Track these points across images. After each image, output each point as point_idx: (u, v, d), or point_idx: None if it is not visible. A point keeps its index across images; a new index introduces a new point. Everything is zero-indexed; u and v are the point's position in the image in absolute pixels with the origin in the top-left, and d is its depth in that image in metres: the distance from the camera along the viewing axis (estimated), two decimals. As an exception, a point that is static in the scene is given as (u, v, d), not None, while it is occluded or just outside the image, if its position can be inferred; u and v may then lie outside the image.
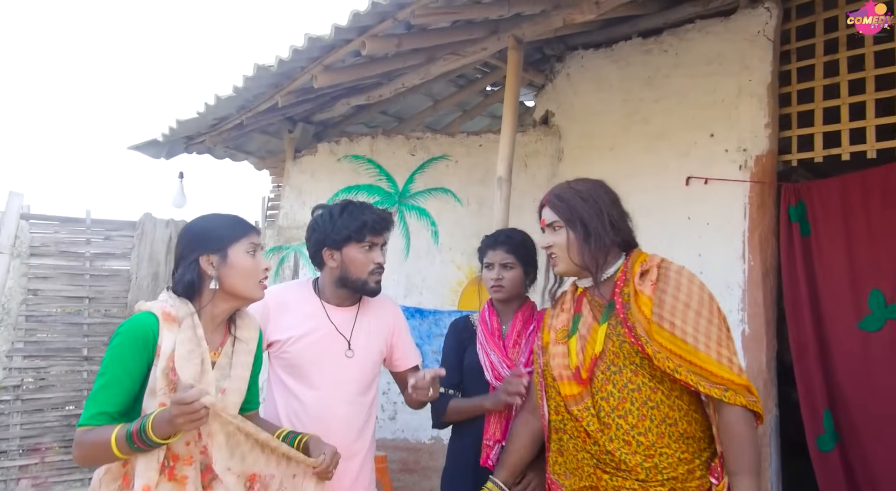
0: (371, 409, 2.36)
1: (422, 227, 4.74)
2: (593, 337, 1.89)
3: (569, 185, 2.00)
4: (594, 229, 1.89)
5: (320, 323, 2.28)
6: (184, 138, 4.87)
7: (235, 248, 1.83)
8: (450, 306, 4.64)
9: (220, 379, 1.83)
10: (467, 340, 2.49)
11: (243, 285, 1.84)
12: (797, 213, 3.50)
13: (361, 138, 4.90)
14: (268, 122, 4.82)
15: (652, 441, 1.78)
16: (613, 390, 1.83)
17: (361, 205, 2.30)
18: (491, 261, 2.48)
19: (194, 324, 1.80)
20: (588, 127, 4.52)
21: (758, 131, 3.71)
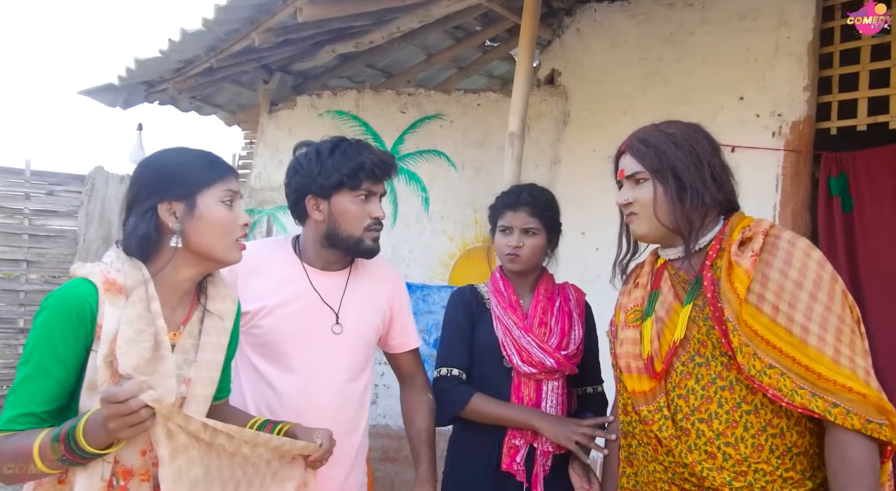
0: (363, 399, 1.94)
1: (411, 193, 4.33)
2: (673, 320, 1.52)
3: (657, 128, 1.59)
4: (691, 183, 1.50)
5: (301, 290, 1.84)
6: (144, 84, 4.33)
7: (207, 194, 1.41)
8: (440, 281, 4.23)
9: (184, 366, 1.42)
10: (478, 313, 2.08)
11: (216, 244, 1.42)
12: (839, 185, 3.16)
13: (346, 92, 4.44)
14: (241, 71, 4.32)
15: (744, 454, 1.40)
16: (696, 387, 1.46)
17: (357, 143, 1.84)
18: (509, 224, 2.06)
19: (148, 296, 1.37)
20: (599, 88, 4.14)
21: (795, 95, 3.35)
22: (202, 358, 1.44)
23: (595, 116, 4.14)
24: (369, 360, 1.94)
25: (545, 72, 4.36)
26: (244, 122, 5.14)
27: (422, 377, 2.06)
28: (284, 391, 1.78)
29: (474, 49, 4.90)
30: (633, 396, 1.54)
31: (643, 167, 1.53)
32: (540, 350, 1.94)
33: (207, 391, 1.43)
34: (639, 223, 1.57)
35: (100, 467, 1.26)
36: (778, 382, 1.34)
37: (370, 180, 1.80)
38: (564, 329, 2.02)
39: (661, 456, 1.49)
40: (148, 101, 4.59)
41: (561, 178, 4.25)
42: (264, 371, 1.82)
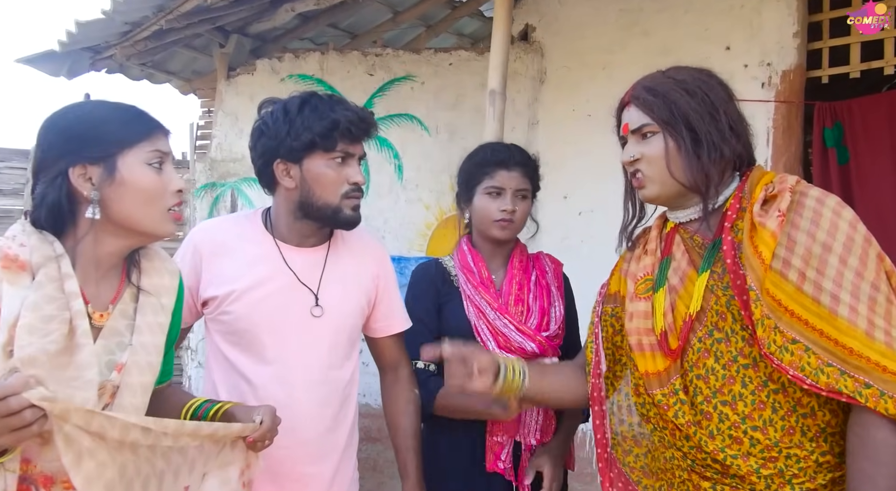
0: (350, 389, 1.74)
1: (383, 161, 4.10)
2: (688, 290, 1.35)
3: (664, 75, 1.42)
4: (706, 134, 1.34)
5: (273, 270, 1.64)
6: (89, 51, 4.00)
7: (130, 156, 1.21)
8: (417, 252, 4.04)
9: (116, 350, 1.23)
10: (445, 293, 1.88)
11: (143, 214, 1.23)
12: (833, 136, 3.02)
13: (309, 54, 4.17)
14: (194, 34, 4.01)
15: (775, 439, 1.25)
16: (716, 366, 1.30)
17: (330, 98, 1.62)
18: (501, 184, 1.85)
19: (61, 273, 1.16)
20: (576, 43, 3.94)
21: (784, 42, 3.19)
22: (138, 340, 1.26)
23: (573, 74, 3.95)
24: (355, 345, 1.75)
25: (518, 27, 4.14)
26: (200, 89, 4.83)
27: (407, 368, 1.85)
28: (260, 383, 1.59)
29: (442, 5, 4.64)
30: (645, 377, 1.38)
31: (651, 119, 1.37)
32: (519, 334, 1.76)
33: (146, 378, 1.25)
34: (649, 183, 1.40)
35: (1, 480, 1.06)
36: (801, 359, 1.19)
37: (346, 140, 1.58)
38: (544, 306, 1.84)
39: (679, 441, 1.33)
40: (95, 70, 4.25)
41: (539, 139, 4.06)
42: (237, 362, 1.63)
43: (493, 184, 1.86)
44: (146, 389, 1.25)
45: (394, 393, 1.83)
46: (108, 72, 4.35)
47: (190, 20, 3.66)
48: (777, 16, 3.20)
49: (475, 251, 1.90)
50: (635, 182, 1.43)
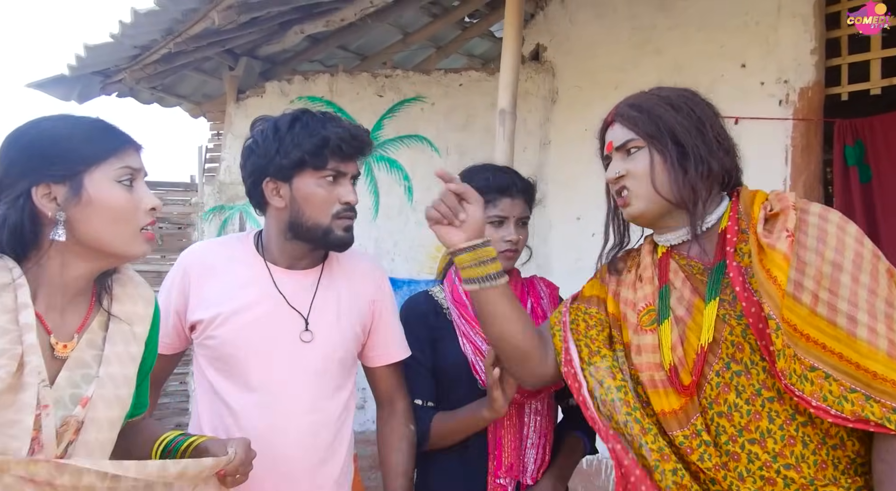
0: (343, 420, 1.61)
1: (393, 182, 4.05)
2: (696, 321, 1.26)
3: (648, 93, 1.37)
4: (693, 147, 1.28)
5: (262, 293, 1.55)
6: (99, 75, 4.01)
7: (98, 173, 1.13)
8: (427, 274, 3.97)
9: (81, 383, 1.13)
10: (438, 329, 1.75)
11: (112, 235, 1.14)
12: (855, 154, 2.94)
13: (319, 76, 4.15)
14: (203, 57, 4.01)
15: (809, 476, 1.15)
16: (738, 401, 1.20)
17: (323, 115, 1.55)
18: (505, 213, 1.74)
19: (17, 304, 1.07)
20: (588, 62, 3.90)
21: (802, 59, 3.12)
22: (105, 372, 1.16)
23: (584, 93, 3.90)
24: (350, 374, 1.64)
25: (529, 47, 4.11)
26: (210, 112, 4.82)
27: (403, 402, 1.71)
28: (242, 412, 1.50)
29: (453, 26, 4.62)
30: (662, 418, 1.26)
31: (636, 134, 1.31)
32: None
33: (113, 413, 1.15)
34: (634, 200, 1.32)
35: None
36: (822, 388, 1.10)
37: (337, 158, 1.51)
38: None
39: (706, 484, 1.23)
40: (105, 94, 4.26)
41: (551, 160, 4.01)
42: (220, 389, 1.54)
43: (496, 213, 1.74)
44: (113, 425, 1.16)
45: (389, 428, 1.69)
46: (119, 96, 4.35)
47: (199, 43, 3.66)
48: (794, 32, 3.14)
49: None
50: (620, 201, 1.35)
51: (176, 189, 5.05)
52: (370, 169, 4.08)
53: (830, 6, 3.13)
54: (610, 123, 1.38)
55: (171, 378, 3.84)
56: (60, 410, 1.09)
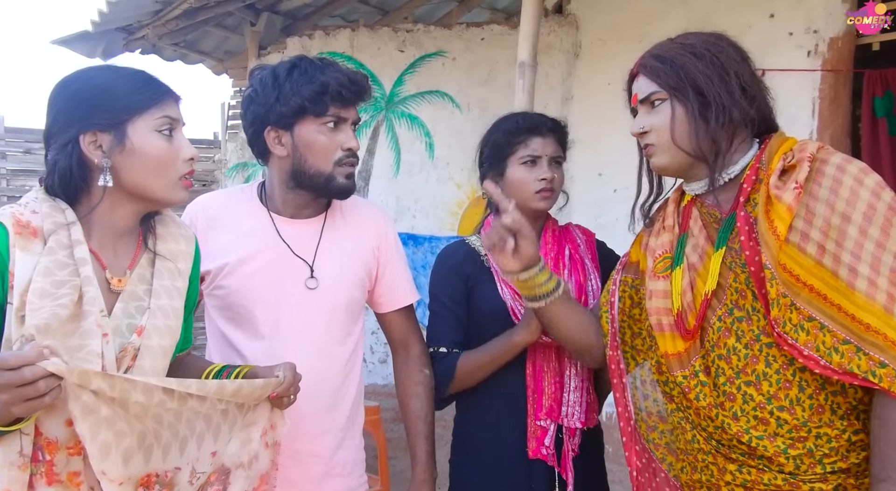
0: (351, 365, 1.65)
1: (414, 139, 4.05)
2: (706, 267, 1.28)
3: (672, 41, 1.35)
4: (715, 96, 1.26)
5: (266, 242, 1.58)
6: (122, 32, 4.04)
7: (139, 123, 1.19)
8: (449, 231, 4.00)
9: (136, 314, 1.22)
10: (475, 276, 1.76)
11: (153, 182, 1.21)
12: (884, 106, 2.88)
13: (339, 31, 4.14)
14: (225, 12, 4.01)
15: (803, 418, 1.18)
16: (737, 346, 1.23)
17: (321, 61, 1.55)
18: (538, 153, 1.72)
19: (71, 241, 1.15)
20: (612, 15, 3.82)
21: (832, 8, 3.03)
22: (156, 304, 1.24)
23: (609, 47, 3.84)
24: (357, 320, 1.67)
25: (553, 0, 4.04)
26: (232, 69, 4.83)
27: (418, 346, 1.74)
28: (252, 360, 1.53)
29: (475, -21, 4.55)
30: (666, 358, 1.32)
31: (658, 86, 1.30)
32: None
33: (165, 341, 1.23)
34: (657, 151, 1.33)
35: (17, 441, 1.06)
36: (816, 338, 1.12)
37: (338, 104, 1.51)
38: (580, 281, 1.73)
39: (704, 421, 1.27)
40: (129, 51, 4.30)
41: (574, 115, 3.96)
42: (232, 337, 1.58)
43: (528, 153, 1.74)
44: (166, 353, 1.24)
45: (404, 374, 1.72)
46: (143, 53, 4.39)
47: (220, -1, 3.66)
48: (824, -20, 3.05)
49: None
50: (645, 152, 1.37)
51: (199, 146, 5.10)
52: (391, 125, 4.08)
53: (864, -48, 3.03)
54: (636, 75, 1.37)
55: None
56: (119, 338, 1.18)
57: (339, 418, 1.62)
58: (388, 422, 3.90)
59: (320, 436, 1.57)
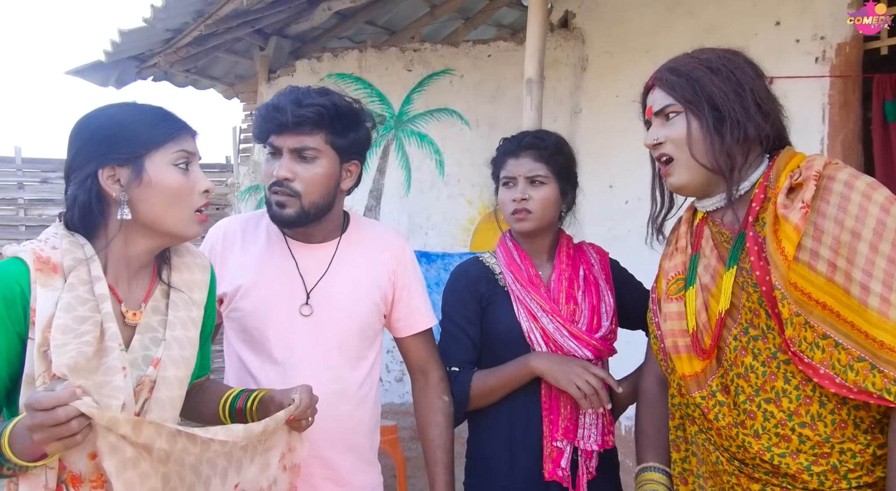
0: (366, 390, 1.63)
1: (424, 157, 4.08)
2: (719, 287, 1.28)
3: (688, 55, 1.35)
4: (730, 112, 1.26)
5: (280, 266, 1.59)
6: (134, 60, 4.10)
7: (157, 157, 1.22)
8: (461, 248, 4.00)
9: (151, 346, 1.24)
10: (489, 295, 1.73)
11: (169, 216, 1.24)
12: (895, 110, 2.84)
13: (348, 53, 4.17)
14: (234, 38, 4.06)
15: (826, 434, 1.17)
16: (755, 364, 1.23)
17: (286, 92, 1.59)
18: (511, 173, 1.71)
19: (91, 277, 1.17)
20: (618, 27, 3.83)
21: (839, 13, 3.01)
22: (171, 335, 1.26)
23: (615, 59, 3.85)
24: (372, 344, 1.66)
25: (558, 15, 4.06)
26: (243, 93, 4.89)
27: (437, 372, 1.71)
28: (267, 383, 1.54)
29: (480, -4, 4.59)
30: (684, 380, 1.31)
31: (674, 99, 1.30)
32: (573, 340, 1.62)
33: (181, 372, 1.24)
34: (675, 169, 1.32)
35: (42, 475, 1.08)
36: (832, 356, 1.11)
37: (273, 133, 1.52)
38: (593, 303, 1.70)
39: (726, 441, 1.26)
40: (141, 78, 4.36)
41: (582, 129, 3.98)
42: (247, 360, 1.59)
43: (505, 174, 1.73)
44: (182, 383, 1.26)
45: (423, 401, 1.69)
46: (155, 80, 4.45)
47: (229, 24, 3.71)
48: (830, -14, 3.04)
49: (519, 247, 1.76)
50: (662, 170, 1.36)
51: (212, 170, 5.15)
52: (401, 144, 4.11)
53: (869, -42, 3.02)
54: (651, 88, 1.37)
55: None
56: (136, 371, 1.19)
57: (355, 442, 1.61)
58: (406, 440, 3.88)
59: (335, 460, 1.56)
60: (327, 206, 1.56)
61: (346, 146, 1.55)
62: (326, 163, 1.52)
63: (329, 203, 1.56)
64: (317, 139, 1.50)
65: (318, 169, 1.51)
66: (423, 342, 1.71)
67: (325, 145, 1.51)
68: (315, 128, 1.49)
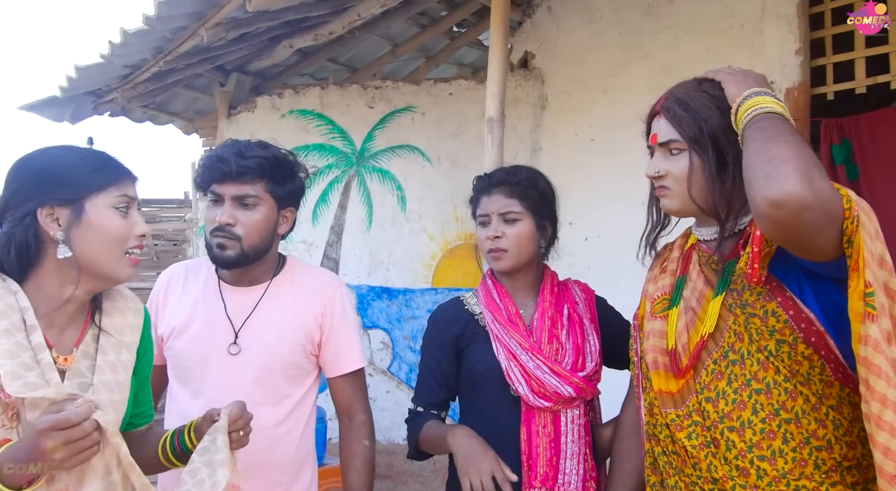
0: (289, 425, 1.68)
1: (386, 193, 4.07)
2: (704, 310, 1.29)
3: (699, 86, 1.33)
4: (734, 158, 1.25)
5: (209, 309, 1.68)
6: (91, 95, 4.03)
7: (98, 200, 1.25)
8: (423, 284, 3.98)
9: (79, 391, 1.24)
10: (468, 335, 1.72)
11: (103, 256, 1.25)
12: (842, 153, 2.96)
13: (309, 89, 4.17)
14: (194, 74, 4.03)
15: (783, 470, 1.18)
16: (727, 390, 1.23)
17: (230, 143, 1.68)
18: (485, 211, 1.70)
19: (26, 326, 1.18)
20: (576, 68, 3.91)
21: (787, 60, 3.14)
22: (99, 380, 1.26)
23: (574, 99, 3.92)
24: (300, 384, 1.70)
25: (518, 55, 4.13)
26: (202, 128, 4.84)
27: (361, 415, 1.75)
28: (192, 416, 1.55)
29: (441, 36, 4.65)
30: (659, 396, 1.32)
31: (679, 135, 1.29)
32: (554, 376, 1.59)
33: (109, 416, 1.23)
34: (670, 198, 1.33)
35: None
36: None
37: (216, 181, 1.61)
38: (578, 343, 1.67)
39: (687, 469, 1.27)
40: (97, 114, 4.28)
41: (543, 166, 3.97)
42: (178, 396, 1.69)
43: (479, 212, 1.73)
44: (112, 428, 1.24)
45: (345, 443, 1.73)
46: (111, 115, 4.38)
47: (189, 60, 3.68)
48: (778, 34, 3.16)
49: (500, 285, 1.73)
50: (658, 192, 1.36)
51: (170, 206, 5.06)
52: (363, 180, 4.10)
53: (814, 7, 3.15)
54: (657, 113, 1.34)
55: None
56: None
57: (275, 478, 1.65)
58: (368, 482, 3.82)
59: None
60: (265, 249, 1.65)
61: (283, 194, 1.65)
62: (265, 209, 1.62)
63: (267, 246, 1.65)
64: (257, 187, 1.60)
65: (258, 215, 1.60)
66: (349, 384, 1.75)
67: (264, 193, 1.61)
68: (256, 177, 1.59)
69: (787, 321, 1.17)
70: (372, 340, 4.04)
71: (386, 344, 4.03)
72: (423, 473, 4.11)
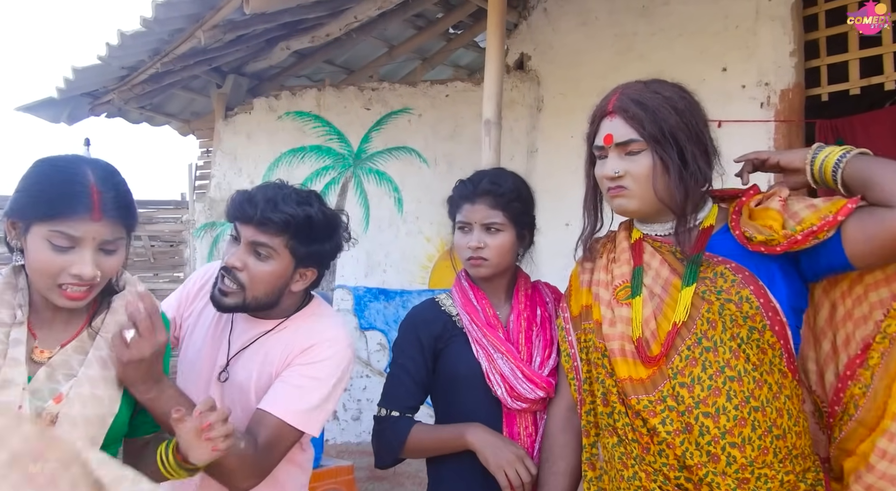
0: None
1: (382, 194, 4.08)
2: (674, 298, 1.30)
3: (647, 88, 1.33)
4: (692, 155, 1.29)
5: (219, 327, 1.63)
6: (87, 96, 4.03)
7: (37, 229, 1.24)
8: (419, 285, 4.00)
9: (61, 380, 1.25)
10: (445, 337, 1.71)
11: (37, 280, 1.26)
12: (836, 154, 2.96)
13: (306, 91, 4.18)
14: (191, 75, 4.04)
15: (750, 458, 1.22)
16: (702, 376, 1.25)
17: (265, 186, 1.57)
18: (467, 219, 1.67)
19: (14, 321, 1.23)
20: (572, 70, 3.93)
21: (781, 61, 3.17)
22: (85, 373, 1.26)
23: (569, 100, 3.94)
24: None
25: (514, 57, 4.15)
26: (199, 130, 4.84)
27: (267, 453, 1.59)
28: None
29: (437, 38, 4.66)
30: (623, 383, 1.31)
31: (639, 135, 1.29)
32: (526, 382, 1.60)
33: (90, 411, 1.23)
34: (630, 197, 1.33)
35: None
36: None
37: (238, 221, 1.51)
38: (547, 338, 1.69)
39: (649, 456, 1.27)
40: (94, 115, 4.28)
41: (539, 168, 4.04)
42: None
43: (461, 218, 1.70)
44: (90, 423, 1.22)
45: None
46: (108, 116, 4.38)
47: (186, 62, 3.69)
48: (773, 35, 3.18)
49: (476, 287, 1.72)
50: (612, 192, 1.35)
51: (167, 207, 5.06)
52: (360, 181, 4.11)
53: (808, 9, 3.18)
54: (609, 113, 1.33)
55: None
56: (38, 401, 1.20)
57: None
58: (363, 481, 3.82)
59: None
60: (270, 304, 1.54)
61: (305, 254, 1.53)
62: (277, 264, 1.50)
63: (273, 301, 1.54)
64: (276, 241, 1.49)
65: (268, 267, 1.49)
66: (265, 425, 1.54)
67: (283, 248, 1.49)
68: (278, 231, 1.48)
69: (758, 308, 1.21)
70: (369, 342, 4.06)
71: (383, 345, 4.05)
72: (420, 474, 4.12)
